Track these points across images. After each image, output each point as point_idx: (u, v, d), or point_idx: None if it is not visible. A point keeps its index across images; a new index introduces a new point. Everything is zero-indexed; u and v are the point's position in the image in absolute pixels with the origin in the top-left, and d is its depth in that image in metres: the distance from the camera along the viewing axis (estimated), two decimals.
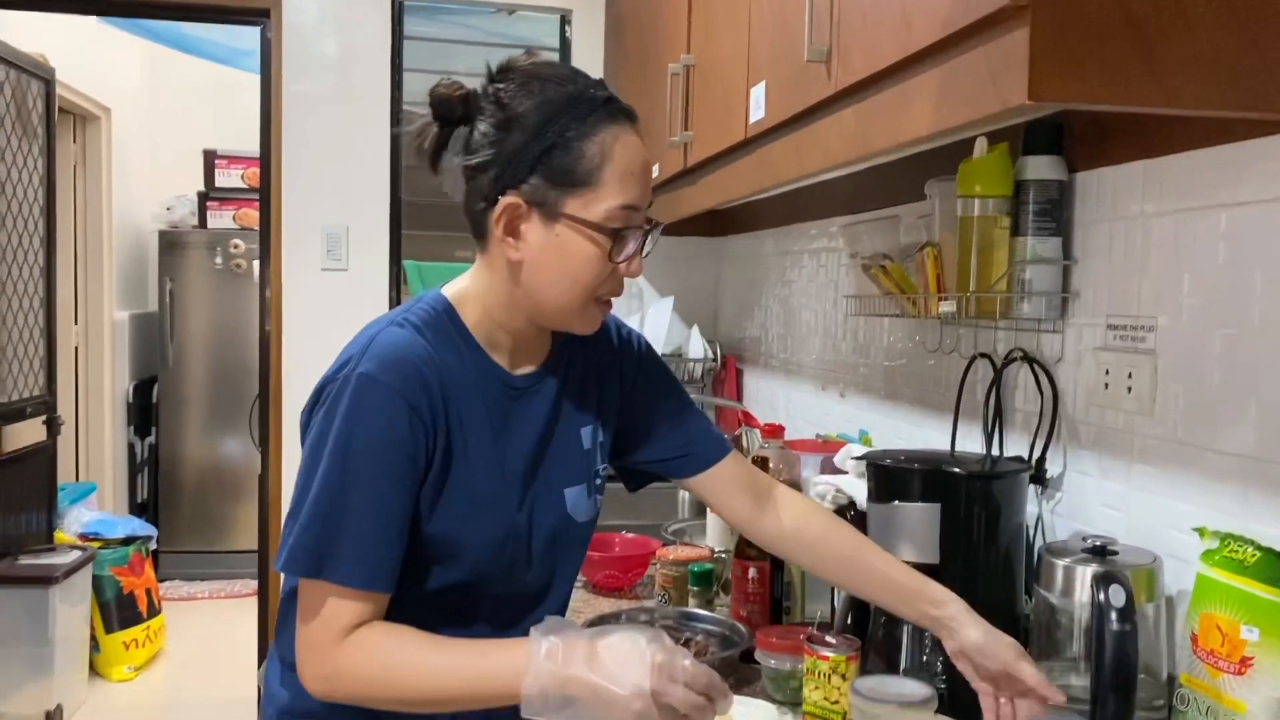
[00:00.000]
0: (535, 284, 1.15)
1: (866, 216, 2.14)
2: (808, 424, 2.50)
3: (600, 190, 1.11)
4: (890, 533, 1.35)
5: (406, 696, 1.07)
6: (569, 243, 1.12)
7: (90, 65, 4.71)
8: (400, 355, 1.10)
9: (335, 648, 1.06)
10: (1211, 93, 0.94)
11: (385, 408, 1.08)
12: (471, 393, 1.16)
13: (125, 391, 5.27)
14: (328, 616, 1.07)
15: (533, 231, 1.13)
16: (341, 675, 1.07)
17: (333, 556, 1.06)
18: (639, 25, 2.73)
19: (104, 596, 3.95)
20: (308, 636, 1.08)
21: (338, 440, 1.07)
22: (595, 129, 1.11)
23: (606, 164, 1.11)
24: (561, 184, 1.11)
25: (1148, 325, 1.31)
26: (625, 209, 1.13)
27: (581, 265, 1.13)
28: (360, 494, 1.07)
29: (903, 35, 1.11)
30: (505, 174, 1.11)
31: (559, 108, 1.11)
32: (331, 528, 1.07)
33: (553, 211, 1.12)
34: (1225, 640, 1.10)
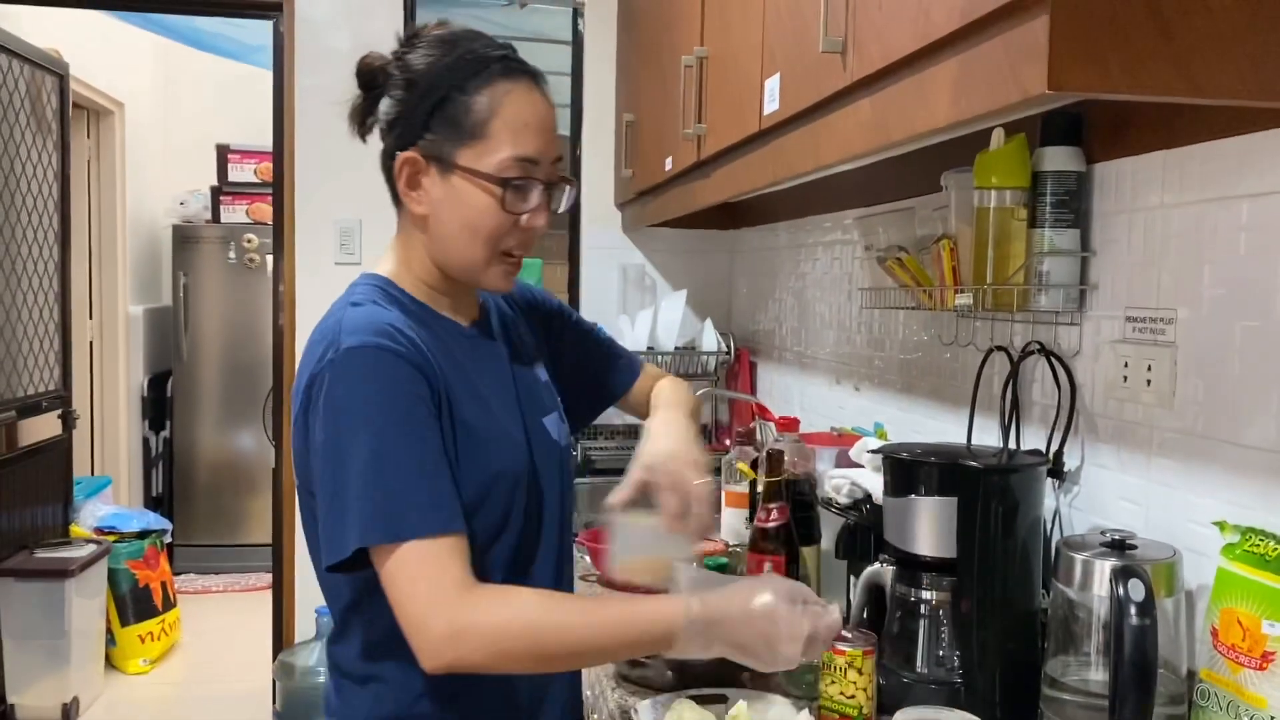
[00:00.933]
0: (440, 237, 1.21)
1: (881, 209, 2.13)
2: (822, 417, 2.49)
3: (491, 141, 1.16)
4: (907, 526, 1.35)
5: (545, 649, 1.07)
6: (465, 194, 1.17)
7: (104, 61, 4.72)
8: (376, 322, 1.13)
9: (460, 602, 1.04)
10: (1234, 81, 0.93)
11: (387, 365, 1.09)
12: (440, 345, 1.19)
13: (140, 386, 5.29)
14: (435, 573, 1.05)
15: (433, 185, 1.19)
16: (474, 629, 1.04)
17: (405, 512, 1.05)
18: (652, 17, 2.72)
19: (119, 590, 3.97)
20: (424, 600, 1.04)
21: (356, 411, 1.08)
22: (485, 84, 1.16)
23: (495, 116, 1.16)
24: (453, 137, 1.16)
25: (1167, 317, 1.30)
26: (519, 160, 1.17)
27: (479, 216, 1.18)
28: (402, 448, 1.07)
29: (920, 24, 1.09)
30: (405, 131, 1.18)
31: (451, 65, 1.17)
32: (391, 487, 1.06)
33: (448, 164, 1.17)
34: (1247, 635, 1.09)
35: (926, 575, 1.35)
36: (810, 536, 1.71)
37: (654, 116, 2.64)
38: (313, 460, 1.12)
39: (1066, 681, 1.23)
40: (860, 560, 1.56)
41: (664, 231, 3.31)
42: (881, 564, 1.42)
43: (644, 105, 2.82)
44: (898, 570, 1.38)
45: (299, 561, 3.28)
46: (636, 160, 2.90)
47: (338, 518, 1.08)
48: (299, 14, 3.18)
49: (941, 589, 1.33)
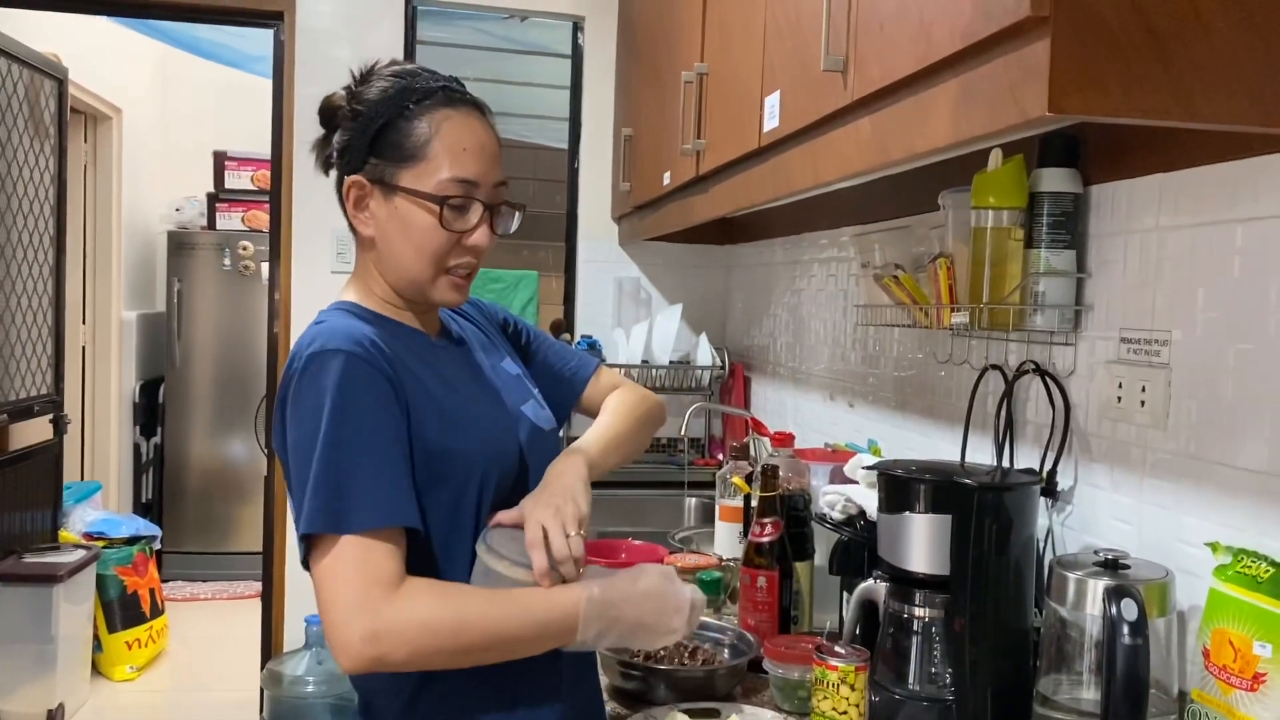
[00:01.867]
0: (388, 256, 1.26)
1: (879, 226, 2.14)
2: (816, 433, 2.50)
3: (430, 163, 1.21)
4: (900, 543, 1.35)
5: (468, 643, 1.10)
6: (408, 214, 1.22)
7: (103, 66, 4.72)
8: (345, 329, 1.17)
9: (386, 600, 1.07)
10: (1231, 107, 0.94)
11: (354, 369, 1.13)
12: (411, 352, 1.24)
13: (132, 391, 5.28)
14: (365, 570, 1.08)
15: (378, 207, 1.24)
16: (398, 626, 1.07)
17: (350, 507, 1.09)
18: (652, 33, 2.74)
19: (107, 596, 3.95)
20: (347, 597, 1.07)
21: (316, 407, 1.12)
22: (425, 110, 1.23)
23: (435, 139, 1.22)
24: (395, 160, 1.22)
25: (1161, 339, 1.31)
26: (457, 181, 1.22)
27: (421, 235, 1.22)
28: (356, 443, 1.11)
29: (922, 45, 1.11)
30: (352, 157, 1.25)
31: (395, 95, 1.23)
32: (342, 481, 1.10)
33: (390, 186, 1.22)
34: (1238, 656, 1.09)
35: (920, 592, 1.35)
36: (804, 552, 1.71)
37: (653, 131, 2.65)
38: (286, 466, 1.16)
39: (1058, 700, 1.24)
40: (854, 576, 1.56)
41: (660, 245, 3.32)
42: (875, 580, 1.42)
43: (643, 120, 2.83)
44: (891, 587, 1.38)
45: (289, 569, 3.27)
46: (634, 174, 2.91)
47: (297, 514, 1.12)
48: (300, 24, 3.19)
49: (934, 606, 1.34)
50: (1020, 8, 0.90)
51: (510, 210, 1.30)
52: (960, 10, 1.02)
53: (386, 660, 1.07)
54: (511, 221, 1.30)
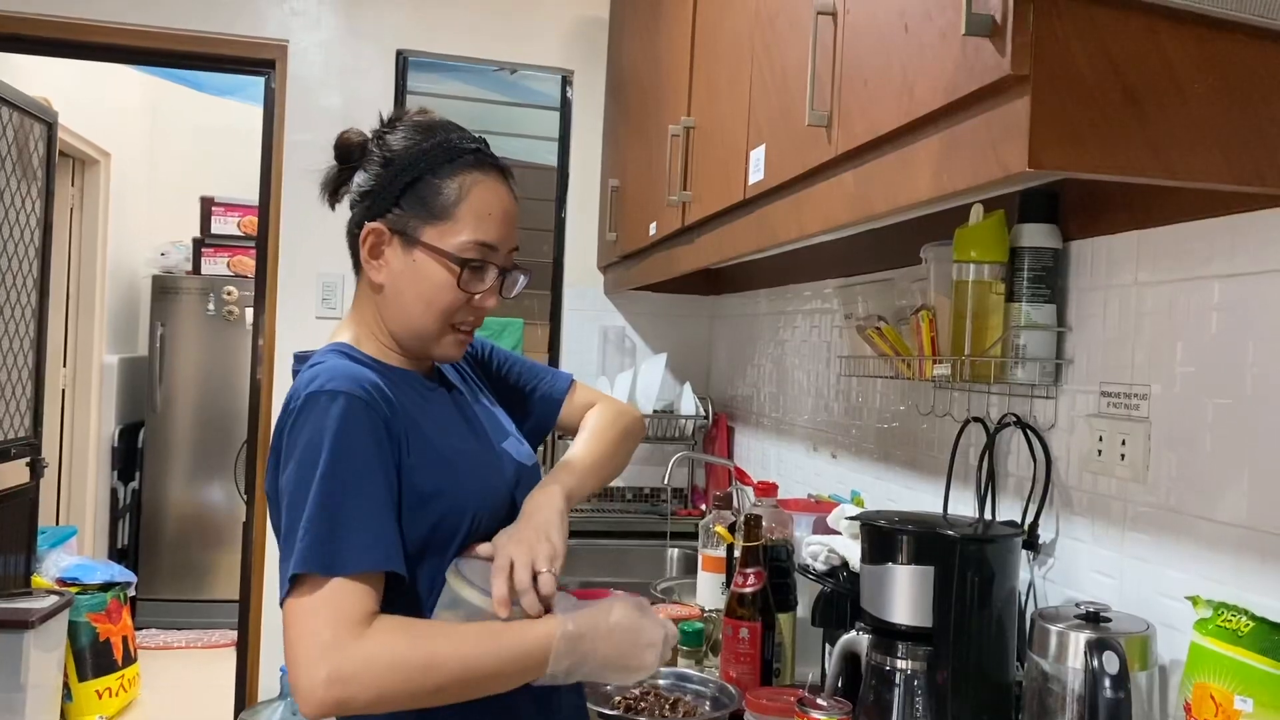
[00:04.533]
0: (396, 305, 1.27)
1: (862, 279, 2.16)
2: (799, 484, 2.50)
3: (456, 224, 1.24)
4: (883, 594, 1.35)
5: (437, 682, 1.08)
6: (424, 268, 1.24)
7: (92, 109, 4.74)
8: (345, 371, 1.18)
9: (355, 641, 1.06)
10: (1206, 165, 0.96)
11: (346, 408, 1.13)
12: (405, 394, 1.24)
13: (111, 435, 5.23)
14: (338, 611, 1.07)
15: (394, 256, 1.25)
16: (367, 669, 1.06)
17: (342, 548, 1.09)
18: (640, 86, 2.78)
19: (79, 643, 3.88)
20: (316, 638, 1.06)
21: (311, 450, 1.12)
22: (457, 171, 1.25)
23: (463, 201, 1.24)
24: (420, 215, 1.24)
25: (1141, 393, 1.32)
26: (479, 244, 1.24)
27: (435, 290, 1.24)
28: (351, 485, 1.11)
29: (905, 102, 1.13)
30: (375, 203, 1.26)
31: (428, 150, 1.26)
32: (333, 523, 1.09)
33: (411, 239, 1.24)
34: (1219, 711, 1.09)
35: (902, 644, 1.34)
36: (787, 602, 1.71)
37: (639, 182, 2.68)
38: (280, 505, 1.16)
39: None
40: (836, 628, 1.55)
41: (646, 295, 3.33)
42: (857, 632, 1.41)
43: (630, 171, 2.86)
44: (873, 639, 1.38)
45: (266, 618, 3.23)
46: (621, 224, 2.93)
47: (288, 553, 1.11)
48: (291, 72, 3.22)
49: (917, 658, 1.33)
50: (1001, 66, 0.92)
51: (519, 274, 1.32)
52: (943, 67, 1.04)
53: (350, 704, 1.06)
54: (518, 285, 1.32)
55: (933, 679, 1.32)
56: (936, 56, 1.06)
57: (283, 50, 3.22)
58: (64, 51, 3.30)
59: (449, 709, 1.13)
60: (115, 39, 3.12)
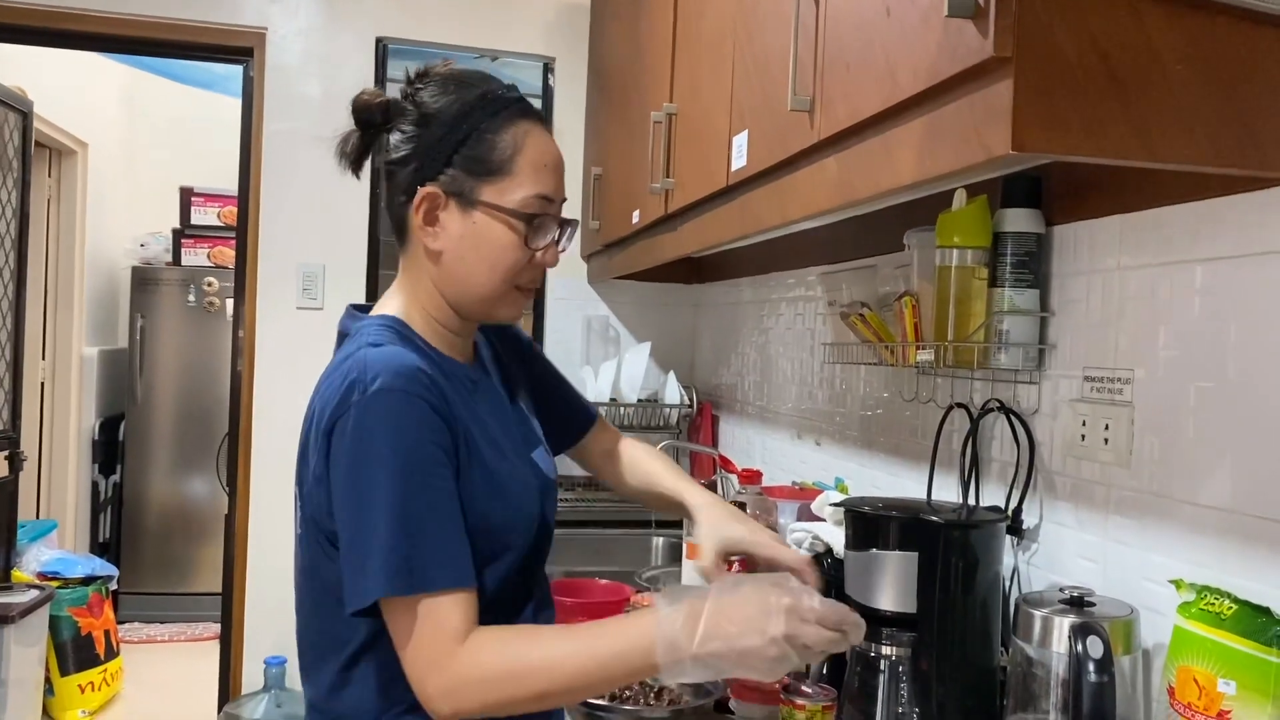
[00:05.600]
0: (456, 272, 1.21)
1: (845, 266, 2.16)
2: (783, 472, 2.50)
3: (515, 179, 1.18)
4: (868, 580, 1.35)
5: (538, 689, 1.05)
6: (486, 229, 1.18)
7: (68, 99, 4.69)
8: (404, 364, 1.11)
9: (452, 658, 1.04)
10: (1189, 147, 0.96)
11: (416, 414, 1.09)
12: (455, 392, 1.18)
13: (91, 428, 5.19)
14: (435, 628, 1.05)
15: (451, 220, 1.19)
16: (468, 683, 1.05)
17: (424, 567, 1.06)
18: (622, 73, 2.76)
19: (60, 637, 3.85)
20: (420, 654, 1.05)
21: (385, 458, 1.07)
22: (508, 122, 1.19)
23: (519, 154, 1.19)
24: (477, 173, 1.18)
25: (1124, 377, 1.32)
26: (539, 198, 1.19)
27: (499, 252, 1.19)
28: (427, 500, 1.08)
29: (887, 85, 1.12)
30: (424, 166, 1.18)
31: (473, 103, 1.19)
32: (411, 540, 1.06)
33: (470, 199, 1.18)
34: (1202, 693, 1.09)
35: (886, 630, 1.34)
36: None
37: (622, 170, 2.67)
38: (335, 503, 1.10)
39: None
40: None
41: (629, 284, 3.33)
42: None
43: (612, 159, 2.85)
44: None
45: (249, 611, 3.21)
46: (603, 212, 2.92)
47: (359, 564, 1.07)
48: (270, 60, 3.19)
49: (902, 645, 1.33)
50: (984, 48, 0.92)
51: (570, 228, 1.27)
52: (925, 51, 1.03)
53: (464, 712, 1.05)
54: (571, 238, 1.27)
55: (917, 665, 1.32)
56: (919, 39, 1.05)
57: (261, 38, 3.19)
58: (38, 39, 3.25)
59: None
60: (90, 26, 3.08)
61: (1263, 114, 0.97)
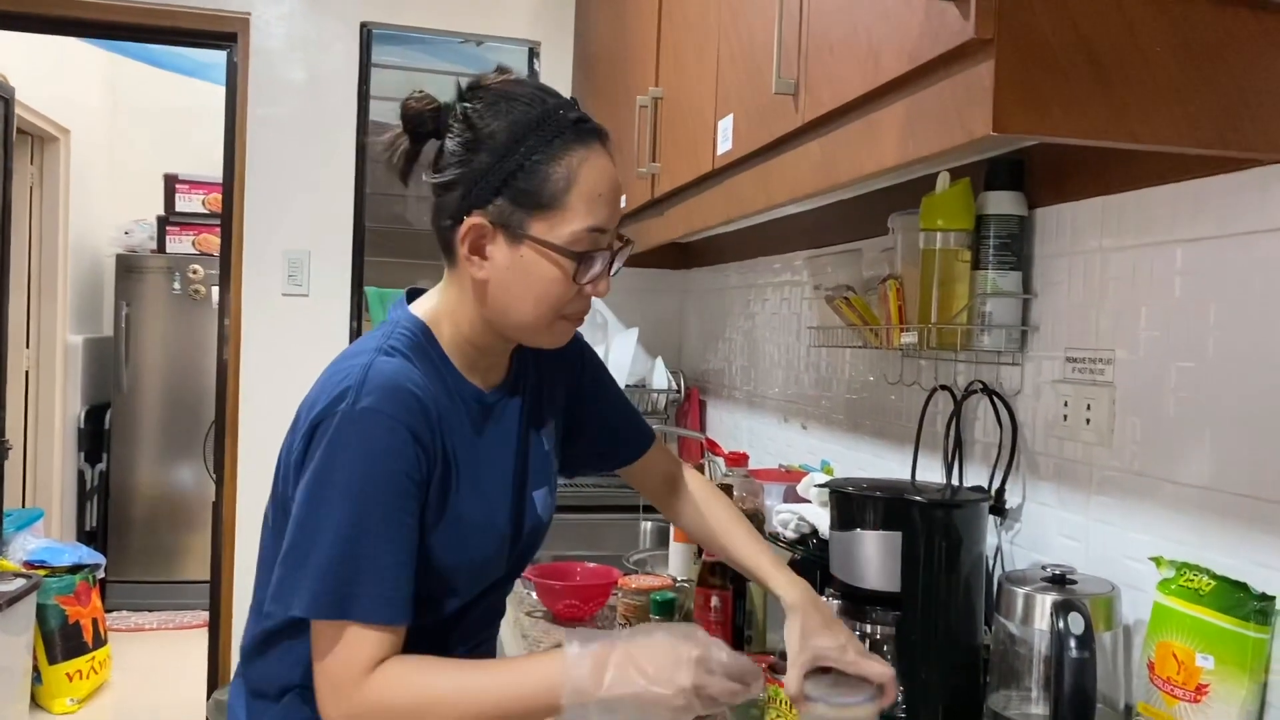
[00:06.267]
0: (500, 303, 1.16)
1: (830, 250, 2.17)
2: (770, 455, 2.51)
3: (566, 213, 1.12)
4: (852, 560, 1.36)
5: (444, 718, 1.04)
6: (533, 265, 1.13)
7: (51, 85, 4.66)
8: (399, 384, 1.09)
9: (359, 686, 1.03)
10: (1168, 129, 0.97)
11: (392, 440, 1.06)
12: (455, 417, 1.16)
13: (77, 417, 5.17)
14: (350, 654, 1.03)
15: (498, 252, 1.13)
16: (370, 712, 1.03)
17: (356, 596, 1.03)
18: (608, 58, 2.76)
19: (48, 626, 3.85)
20: (329, 676, 1.04)
21: (347, 477, 1.05)
22: (562, 151, 1.12)
23: (573, 187, 1.12)
24: (526, 206, 1.11)
25: (1105, 358, 1.33)
26: (591, 231, 1.13)
27: (546, 286, 1.13)
28: (376, 530, 1.05)
29: (870, 68, 1.13)
30: (471, 194, 1.12)
31: (526, 129, 1.11)
32: (351, 567, 1.04)
33: (517, 234, 1.12)
34: (1181, 668, 1.11)
35: (871, 609, 1.35)
36: None
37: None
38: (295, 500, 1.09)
39: (1009, 715, 1.25)
40: None
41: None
42: (828, 598, 1.42)
43: None
44: (843, 604, 1.39)
45: (237, 598, 3.22)
46: None
47: (292, 570, 1.05)
48: (254, 45, 3.17)
49: (886, 623, 1.34)
50: (965, 30, 0.92)
51: (625, 247, 1.20)
52: (907, 33, 1.04)
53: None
54: (624, 259, 1.20)
55: (902, 643, 1.33)
56: (901, 22, 1.05)
57: (244, 23, 3.17)
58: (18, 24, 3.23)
59: None
60: (72, 11, 3.06)
61: (1241, 95, 0.98)
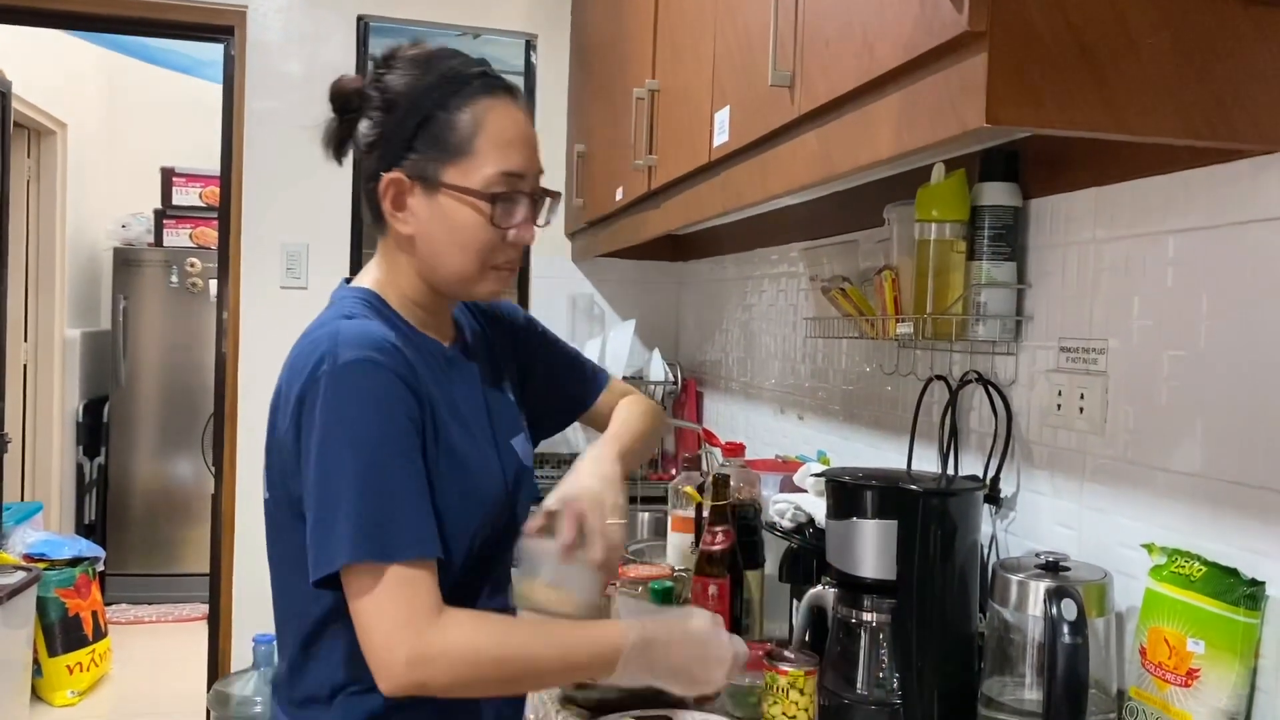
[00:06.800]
0: (429, 255, 1.20)
1: (826, 241, 2.17)
2: (767, 446, 2.52)
3: (476, 159, 1.17)
4: (848, 548, 1.37)
5: (510, 675, 1.09)
6: (453, 212, 1.18)
7: (48, 79, 4.66)
8: (375, 336, 1.12)
9: (431, 626, 1.05)
10: (1159, 120, 0.98)
11: (387, 384, 1.09)
12: (426, 367, 1.18)
13: (75, 410, 5.18)
14: (410, 596, 1.05)
15: (418, 204, 1.18)
16: (443, 655, 1.05)
17: (394, 534, 1.05)
18: (605, 50, 2.76)
19: (48, 619, 3.86)
20: (392, 624, 1.04)
21: (351, 429, 1.07)
22: (468, 100, 1.17)
23: (480, 132, 1.17)
24: (438, 156, 1.17)
25: (1099, 347, 1.35)
26: (505, 175, 1.18)
27: (468, 233, 1.18)
28: (395, 471, 1.08)
29: (865, 60, 1.14)
30: (387, 152, 1.18)
31: (432, 83, 1.18)
32: (383, 509, 1.06)
33: (433, 183, 1.17)
34: (1173, 653, 1.13)
35: (867, 597, 1.37)
36: (755, 560, 1.73)
37: (605, 147, 2.67)
38: (304, 473, 1.10)
39: (1003, 701, 1.26)
40: (803, 584, 1.58)
41: (613, 262, 3.33)
42: (824, 586, 1.44)
43: (595, 136, 2.86)
44: (839, 592, 1.41)
45: (237, 590, 3.23)
46: (587, 190, 2.93)
47: (326, 532, 1.06)
48: (251, 38, 3.17)
49: (882, 611, 1.36)
50: (959, 23, 0.93)
51: (551, 199, 1.26)
52: (902, 26, 1.05)
53: (428, 685, 1.05)
54: (553, 211, 1.26)
55: (897, 630, 1.35)
56: (896, 15, 1.06)
57: (241, 16, 3.17)
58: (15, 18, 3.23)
59: None
60: (68, 5, 3.06)
61: (1232, 87, 0.99)
